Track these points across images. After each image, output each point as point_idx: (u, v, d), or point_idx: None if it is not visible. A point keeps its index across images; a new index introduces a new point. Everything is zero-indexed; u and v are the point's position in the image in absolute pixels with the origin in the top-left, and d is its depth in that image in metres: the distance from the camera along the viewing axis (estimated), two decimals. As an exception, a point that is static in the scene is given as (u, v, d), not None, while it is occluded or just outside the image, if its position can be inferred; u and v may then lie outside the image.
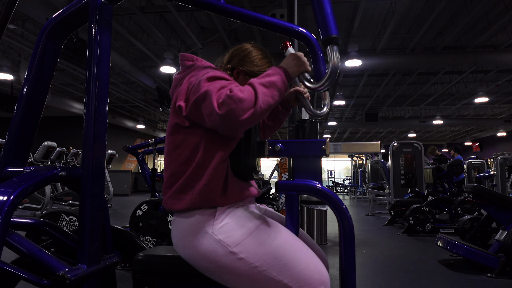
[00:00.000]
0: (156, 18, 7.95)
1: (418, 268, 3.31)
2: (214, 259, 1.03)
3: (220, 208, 1.08)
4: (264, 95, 1.00)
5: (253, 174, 1.20)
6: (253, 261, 1.01)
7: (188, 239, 1.07)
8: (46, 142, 7.10)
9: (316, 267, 1.03)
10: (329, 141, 1.23)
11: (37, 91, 1.25)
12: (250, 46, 1.29)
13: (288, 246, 1.03)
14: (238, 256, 1.01)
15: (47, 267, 1.02)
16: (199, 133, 1.09)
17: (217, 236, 1.04)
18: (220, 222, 1.06)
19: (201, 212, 1.08)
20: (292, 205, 1.18)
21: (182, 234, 1.09)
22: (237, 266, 1.02)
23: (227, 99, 0.96)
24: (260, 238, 1.03)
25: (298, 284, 0.99)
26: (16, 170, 1.21)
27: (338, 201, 1.16)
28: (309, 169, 1.21)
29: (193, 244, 1.06)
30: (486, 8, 7.40)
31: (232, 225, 1.05)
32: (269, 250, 1.02)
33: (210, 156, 1.09)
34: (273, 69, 1.09)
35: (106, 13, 1.15)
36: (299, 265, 1.01)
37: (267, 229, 1.06)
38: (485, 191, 3.41)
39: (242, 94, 0.97)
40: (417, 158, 7.55)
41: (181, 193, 1.09)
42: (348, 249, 1.13)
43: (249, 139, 1.18)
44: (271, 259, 1.01)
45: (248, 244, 1.02)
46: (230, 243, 1.02)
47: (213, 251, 1.03)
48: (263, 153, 1.23)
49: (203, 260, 1.05)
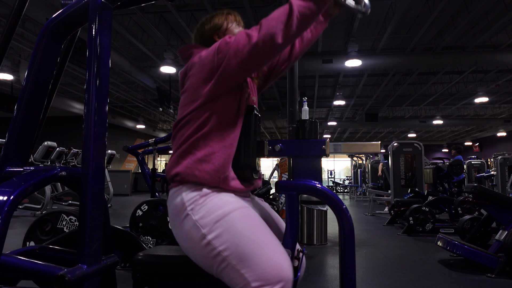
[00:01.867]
0: (156, 18, 7.95)
1: (418, 268, 3.31)
2: (190, 240, 1.06)
3: (206, 188, 1.09)
4: (299, 7, 1.02)
5: (253, 174, 1.20)
6: (218, 245, 1.02)
7: (176, 219, 1.10)
8: (46, 142, 7.10)
9: (278, 264, 1.00)
10: (329, 141, 1.23)
11: (37, 91, 1.25)
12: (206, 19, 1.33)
13: (253, 238, 1.02)
14: (207, 239, 1.03)
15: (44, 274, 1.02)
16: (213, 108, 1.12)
17: (194, 216, 1.06)
18: (201, 203, 1.07)
19: (189, 187, 1.09)
20: (292, 205, 1.18)
21: (172, 214, 1.13)
22: (205, 249, 1.03)
23: (261, 25, 1.03)
24: (230, 224, 1.03)
25: (254, 277, 0.98)
26: (16, 170, 1.21)
27: (338, 201, 1.16)
28: (309, 169, 1.21)
29: (177, 224, 1.10)
30: (486, 8, 7.40)
31: (210, 205, 1.06)
32: (234, 237, 1.01)
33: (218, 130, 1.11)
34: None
35: (106, 13, 1.15)
36: (259, 258, 0.99)
37: (240, 217, 1.05)
38: (485, 191, 3.41)
39: (274, 13, 1.03)
40: (417, 158, 7.55)
41: (181, 157, 1.12)
42: (348, 249, 1.13)
43: (249, 138, 1.18)
44: (234, 247, 1.01)
45: (217, 228, 1.03)
46: (203, 225, 1.04)
47: (189, 232, 1.06)
48: (263, 153, 1.23)
49: (184, 240, 1.08)
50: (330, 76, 12.02)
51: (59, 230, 2.62)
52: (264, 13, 7.33)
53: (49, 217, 2.65)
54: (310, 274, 3.05)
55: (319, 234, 4.48)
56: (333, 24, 8.30)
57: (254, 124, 1.21)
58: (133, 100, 14.56)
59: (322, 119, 18.69)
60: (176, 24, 8.14)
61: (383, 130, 22.26)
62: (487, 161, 13.55)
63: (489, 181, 9.39)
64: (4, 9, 7.15)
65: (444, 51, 9.29)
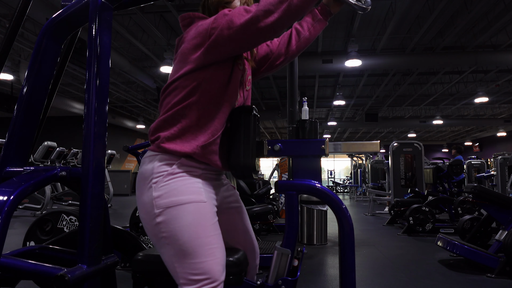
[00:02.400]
0: (156, 18, 7.95)
1: (418, 268, 3.31)
2: (145, 212, 1.07)
3: (179, 164, 1.09)
4: None
5: (252, 174, 1.20)
6: (162, 231, 1.04)
7: (141, 184, 1.11)
8: (46, 142, 7.10)
9: (209, 268, 1.02)
10: (328, 141, 1.23)
11: (37, 91, 1.25)
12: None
13: (195, 237, 1.03)
14: (156, 220, 1.04)
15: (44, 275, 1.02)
16: (202, 77, 1.11)
17: (154, 192, 1.06)
18: (165, 182, 1.07)
19: (164, 159, 1.09)
20: (292, 205, 1.18)
21: (139, 177, 1.13)
22: (152, 229, 1.06)
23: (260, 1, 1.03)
24: (179, 215, 1.04)
25: (183, 275, 1.02)
26: (16, 170, 1.21)
27: (337, 201, 1.16)
28: (309, 169, 1.22)
29: (140, 190, 1.10)
30: (486, 8, 7.40)
31: (170, 188, 1.06)
32: (177, 229, 1.03)
33: (206, 100, 1.11)
34: None
35: (106, 13, 1.15)
36: (194, 258, 1.02)
37: (191, 210, 1.05)
38: (485, 191, 3.41)
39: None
40: (417, 158, 7.55)
41: (167, 123, 1.11)
42: (348, 249, 1.13)
43: (248, 138, 1.18)
44: (174, 239, 1.03)
45: (167, 214, 1.04)
46: (157, 205, 1.05)
47: (146, 205, 1.07)
48: (262, 152, 1.23)
49: (140, 209, 1.10)
50: (330, 76, 12.01)
51: (59, 230, 2.62)
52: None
53: (49, 217, 2.65)
54: (310, 274, 3.05)
55: (319, 234, 4.48)
56: (333, 24, 8.30)
57: (253, 124, 1.21)
58: (133, 100, 14.55)
59: (322, 119, 18.68)
60: (176, 24, 8.14)
61: (383, 130, 22.25)
62: (487, 161, 13.54)
63: (489, 181, 9.39)
64: (5, 10, 7.15)
65: (444, 51, 9.29)
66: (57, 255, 1.37)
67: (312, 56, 9.37)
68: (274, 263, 1.15)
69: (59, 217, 2.65)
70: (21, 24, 1.34)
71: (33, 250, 1.36)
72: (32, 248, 1.37)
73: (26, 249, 1.35)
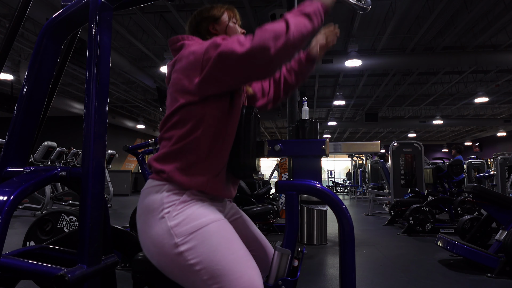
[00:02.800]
0: (156, 18, 7.95)
1: (418, 268, 3.31)
2: (160, 245, 1.01)
3: (187, 195, 1.06)
4: (295, 24, 0.99)
5: (252, 174, 1.20)
6: (190, 258, 0.99)
7: (149, 216, 1.05)
8: (46, 142, 7.11)
9: (249, 280, 0.99)
10: (328, 141, 1.23)
11: (37, 91, 1.25)
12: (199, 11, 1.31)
13: (227, 253, 1.00)
14: (179, 249, 0.99)
15: (44, 275, 1.02)
16: (204, 110, 1.07)
17: (169, 222, 1.01)
18: (179, 209, 1.03)
19: (172, 189, 1.06)
20: (292, 205, 1.18)
21: (144, 209, 1.08)
22: (175, 259, 1.00)
23: (254, 35, 0.98)
24: (205, 237, 1.00)
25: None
26: (16, 170, 1.21)
27: (338, 201, 1.16)
28: (309, 169, 1.21)
29: (148, 223, 1.05)
30: (486, 8, 7.40)
31: (188, 214, 1.03)
32: (208, 252, 0.99)
33: (211, 134, 1.08)
34: (307, 2, 1.08)
35: (106, 13, 1.15)
36: (231, 275, 0.97)
37: (216, 230, 1.03)
38: (485, 191, 3.41)
39: (269, 25, 0.98)
40: (417, 158, 7.55)
41: (171, 157, 1.07)
42: (348, 249, 1.13)
43: (249, 138, 1.18)
44: (207, 262, 0.98)
45: (192, 240, 1.00)
46: (178, 234, 1.00)
47: (160, 237, 1.01)
48: (262, 153, 1.23)
49: (148, 241, 1.04)
50: (330, 76, 12.02)
51: (59, 230, 2.62)
52: (264, 13, 7.34)
53: (49, 217, 2.65)
54: (310, 274, 3.05)
55: (319, 234, 4.48)
56: (333, 24, 8.29)
57: (254, 124, 1.21)
58: (133, 100, 14.56)
59: (322, 119, 18.68)
60: (176, 24, 8.14)
61: (383, 130, 22.26)
62: (487, 161, 13.54)
63: (489, 181, 9.39)
64: (5, 10, 7.15)
65: (444, 51, 9.29)
66: (57, 255, 1.37)
67: (312, 56, 9.36)
68: (274, 263, 1.15)
69: (59, 217, 2.65)
70: (21, 24, 1.34)
71: (33, 250, 1.36)
72: (32, 248, 1.37)
73: (26, 249, 1.35)
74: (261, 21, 8.03)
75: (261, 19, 7.88)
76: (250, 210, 4.43)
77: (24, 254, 1.31)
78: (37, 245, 1.44)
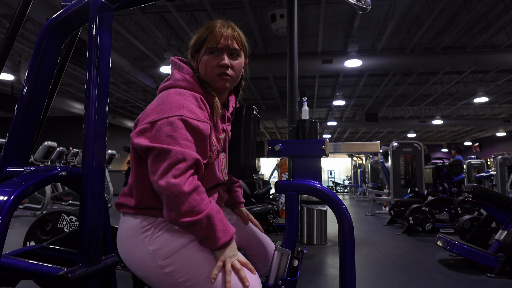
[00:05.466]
0: (156, 18, 7.95)
1: (418, 268, 3.31)
2: (144, 269, 1.02)
3: (162, 219, 1.04)
4: (195, 226, 0.95)
5: (253, 174, 1.20)
6: (178, 276, 0.98)
7: (127, 242, 1.05)
8: (46, 142, 7.11)
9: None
10: (328, 141, 1.23)
11: (37, 91, 1.25)
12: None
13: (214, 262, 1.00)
14: (165, 270, 0.99)
15: (45, 275, 1.02)
16: None
17: (150, 246, 1.01)
18: (157, 232, 1.02)
19: (145, 218, 1.05)
20: (292, 205, 1.18)
21: (123, 236, 1.07)
22: (163, 279, 1.00)
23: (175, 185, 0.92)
24: (190, 253, 1.00)
25: None
26: (16, 170, 1.21)
27: (337, 201, 1.16)
28: (309, 169, 1.22)
29: (130, 249, 1.05)
30: (486, 8, 7.41)
31: (166, 237, 1.02)
32: (195, 268, 0.98)
33: None
34: (231, 232, 1.01)
35: (107, 13, 1.15)
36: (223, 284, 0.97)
37: (198, 246, 1.01)
38: (485, 191, 3.41)
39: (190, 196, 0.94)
40: (417, 158, 7.55)
41: (134, 191, 1.07)
42: (348, 249, 1.13)
43: (249, 139, 1.18)
44: (196, 277, 0.98)
45: (176, 258, 0.99)
46: (160, 256, 1.00)
47: (144, 261, 1.01)
48: (262, 153, 1.23)
49: (135, 267, 1.04)
50: (330, 76, 12.02)
51: (60, 230, 2.62)
52: (264, 13, 7.34)
53: (49, 217, 2.65)
54: (310, 274, 3.05)
55: (319, 234, 4.48)
56: (333, 24, 8.30)
57: (254, 124, 1.21)
58: (133, 100, 14.56)
59: (322, 119, 18.69)
60: (176, 24, 8.14)
61: (383, 130, 22.26)
62: (487, 161, 13.54)
63: (489, 181, 9.39)
64: (5, 10, 7.15)
65: (444, 51, 9.29)
66: (57, 255, 1.37)
67: (312, 56, 9.38)
68: (274, 263, 1.15)
69: (59, 217, 2.65)
70: (22, 24, 1.34)
71: (33, 250, 1.36)
72: (32, 248, 1.37)
73: (26, 249, 1.35)
74: (261, 21, 8.03)
75: (261, 19, 7.89)
76: (250, 210, 4.42)
77: (25, 254, 1.31)
78: (37, 245, 1.44)
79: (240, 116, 1.22)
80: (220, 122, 1.14)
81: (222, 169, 1.15)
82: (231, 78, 1.12)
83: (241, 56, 1.14)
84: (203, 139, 1.02)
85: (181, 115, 0.98)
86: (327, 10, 7.34)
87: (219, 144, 1.12)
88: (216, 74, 1.10)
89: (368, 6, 1.23)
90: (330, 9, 7.47)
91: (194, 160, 0.96)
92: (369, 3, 1.23)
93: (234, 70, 1.12)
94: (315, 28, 8.35)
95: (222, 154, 1.16)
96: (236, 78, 1.15)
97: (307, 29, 8.53)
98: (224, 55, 1.10)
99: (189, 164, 0.95)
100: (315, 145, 1.22)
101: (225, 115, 1.17)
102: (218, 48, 1.09)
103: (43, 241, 2.47)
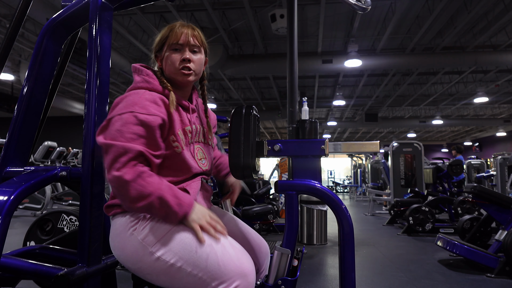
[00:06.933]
0: (156, 18, 7.95)
1: (418, 268, 3.31)
2: (137, 259, 1.03)
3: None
4: (149, 205, 0.99)
5: (252, 174, 1.20)
6: (168, 259, 1.00)
7: (118, 239, 1.07)
8: (46, 142, 7.11)
9: (233, 259, 1.00)
10: (328, 141, 1.23)
11: (37, 91, 1.25)
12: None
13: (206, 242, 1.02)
14: (155, 255, 1.01)
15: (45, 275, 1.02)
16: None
17: (139, 236, 1.03)
18: (144, 223, 1.05)
19: (132, 214, 1.08)
20: (291, 205, 1.19)
21: (114, 235, 1.09)
22: (156, 265, 1.01)
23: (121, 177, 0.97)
24: (177, 235, 1.02)
25: (212, 277, 0.98)
26: (16, 170, 1.21)
27: (337, 201, 1.16)
28: (309, 169, 1.22)
29: (121, 245, 1.06)
30: (486, 8, 7.41)
31: (152, 225, 1.04)
32: (183, 247, 1.00)
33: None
34: (186, 202, 1.04)
35: (107, 14, 1.15)
36: (213, 258, 0.99)
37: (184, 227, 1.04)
38: (485, 191, 3.41)
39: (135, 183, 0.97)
40: (417, 158, 7.55)
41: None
42: (348, 249, 1.13)
43: (248, 139, 1.18)
44: (186, 255, 1.00)
45: (165, 242, 1.01)
46: (149, 243, 1.02)
47: (135, 252, 1.03)
48: (262, 153, 1.23)
49: (129, 262, 1.05)
50: (330, 76, 12.02)
51: (60, 230, 2.62)
52: (264, 13, 7.34)
53: (49, 217, 2.65)
54: (310, 274, 3.05)
55: (319, 234, 4.48)
56: (333, 24, 8.31)
57: (253, 124, 1.21)
58: (133, 100, 14.54)
59: (322, 119, 18.68)
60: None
61: (383, 130, 22.26)
62: (487, 161, 13.54)
63: (489, 181, 9.39)
64: (5, 10, 7.15)
65: (444, 51, 9.29)
66: (57, 255, 1.37)
67: (312, 56, 9.38)
68: (274, 263, 1.15)
69: (59, 217, 2.64)
70: (22, 24, 1.34)
71: (34, 250, 1.36)
72: (32, 248, 1.37)
73: (27, 249, 1.35)
74: (261, 21, 8.03)
75: (261, 19, 7.89)
76: (250, 210, 4.43)
77: (25, 254, 1.31)
78: (37, 245, 1.44)
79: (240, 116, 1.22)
80: (186, 115, 1.18)
81: (198, 160, 1.19)
82: (193, 72, 1.17)
83: (201, 52, 1.20)
84: (153, 130, 1.05)
85: (132, 111, 1.03)
86: (327, 10, 7.34)
87: (186, 136, 1.16)
88: (179, 69, 1.15)
89: (368, 6, 1.23)
90: (330, 9, 7.47)
91: (136, 152, 1.00)
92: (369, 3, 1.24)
93: (195, 64, 1.18)
94: (315, 28, 8.35)
95: (196, 146, 1.20)
96: (198, 72, 1.20)
97: (307, 29, 8.53)
98: (185, 50, 1.16)
99: (130, 157, 0.99)
100: (315, 145, 1.22)
101: (189, 107, 1.21)
102: (179, 44, 1.16)
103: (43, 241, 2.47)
